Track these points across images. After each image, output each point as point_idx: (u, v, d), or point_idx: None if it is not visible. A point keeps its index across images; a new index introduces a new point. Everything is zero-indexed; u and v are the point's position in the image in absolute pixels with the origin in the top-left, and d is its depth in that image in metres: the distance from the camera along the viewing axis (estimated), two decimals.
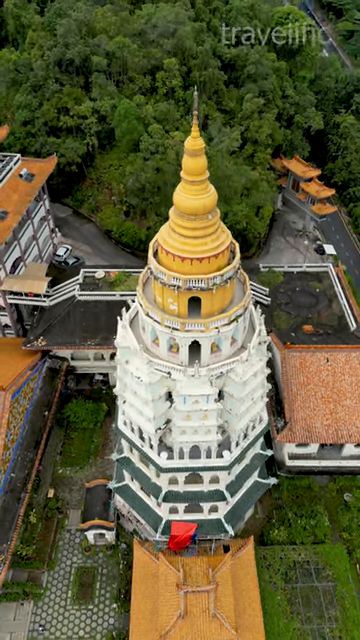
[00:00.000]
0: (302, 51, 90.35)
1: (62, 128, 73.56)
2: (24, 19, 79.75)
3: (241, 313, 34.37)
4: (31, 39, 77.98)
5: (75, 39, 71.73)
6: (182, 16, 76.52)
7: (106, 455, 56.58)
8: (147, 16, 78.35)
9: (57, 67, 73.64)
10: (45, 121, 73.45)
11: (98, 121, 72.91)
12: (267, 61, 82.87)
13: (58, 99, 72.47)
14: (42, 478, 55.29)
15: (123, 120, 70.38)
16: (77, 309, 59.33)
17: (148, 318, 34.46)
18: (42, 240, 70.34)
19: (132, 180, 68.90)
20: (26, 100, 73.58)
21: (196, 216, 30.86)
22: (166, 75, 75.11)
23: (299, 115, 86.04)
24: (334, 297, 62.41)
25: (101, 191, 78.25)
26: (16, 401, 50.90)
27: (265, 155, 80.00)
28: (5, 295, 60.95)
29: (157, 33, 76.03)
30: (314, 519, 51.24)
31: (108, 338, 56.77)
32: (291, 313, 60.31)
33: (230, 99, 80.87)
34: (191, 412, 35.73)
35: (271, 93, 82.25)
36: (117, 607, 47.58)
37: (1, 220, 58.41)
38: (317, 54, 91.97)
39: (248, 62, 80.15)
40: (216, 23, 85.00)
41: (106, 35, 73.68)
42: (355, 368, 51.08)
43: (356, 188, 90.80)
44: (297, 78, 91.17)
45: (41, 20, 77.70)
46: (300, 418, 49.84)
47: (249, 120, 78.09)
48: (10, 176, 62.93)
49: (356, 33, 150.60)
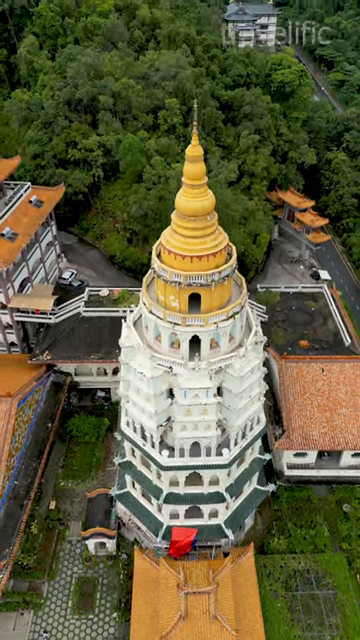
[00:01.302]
0: (295, 94, 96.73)
1: (70, 160, 78.23)
2: (36, 64, 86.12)
3: (238, 310, 36.70)
4: (42, 81, 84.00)
5: (84, 81, 77.52)
6: (183, 61, 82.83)
7: (108, 467, 57.50)
8: (150, 61, 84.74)
9: (66, 106, 79.17)
10: (54, 154, 78.24)
11: (104, 154, 77.68)
12: (262, 102, 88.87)
13: (67, 134, 77.53)
14: (44, 490, 55.87)
15: (127, 153, 75.08)
16: (82, 325, 61.67)
17: (151, 315, 36.78)
18: (49, 263, 73.51)
19: (135, 207, 72.77)
20: (37, 135, 78.67)
21: (196, 217, 33.77)
22: (167, 113, 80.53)
23: (293, 151, 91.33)
24: (329, 315, 64.86)
25: (105, 219, 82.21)
26: (21, 410, 52.39)
27: (261, 187, 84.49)
28: (12, 312, 63.40)
29: (159, 76, 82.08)
30: (313, 529, 51.72)
31: (111, 352, 58.88)
32: (288, 329, 62.60)
33: (228, 136, 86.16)
34: (191, 406, 37.41)
35: (266, 131, 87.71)
36: (117, 616, 47.43)
37: (11, 241, 61.65)
38: (309, 97, 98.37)
39: (244, 103, 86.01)
40: (214, 69, 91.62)
41: (112, 77, 79.60)
42: (350, 378, 52.85)
43: (349, 219, 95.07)
44: (291, 119, 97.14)
45: (52, 64, 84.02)
46: (297, 426, 51.19)
47: (246, 154, 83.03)
48: (21, 202, 66.76)
49: (347, 82, 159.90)
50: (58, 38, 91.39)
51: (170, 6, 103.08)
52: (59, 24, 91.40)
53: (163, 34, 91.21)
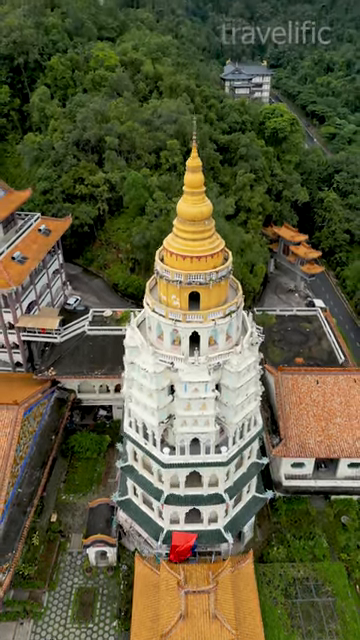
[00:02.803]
0: (287, 140, 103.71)
1: (77, 195, 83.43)
2: (48, 110, 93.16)
3: (234, 310, 39.61)
4: (53, 126, 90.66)
5: (92, 124, 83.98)
6: (183, 108, 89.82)
7: (109, 479, 58.50)
8: (153, 108, 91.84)
9: (75, 146, 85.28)
10: (62, 190, 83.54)
11: (109, 190, 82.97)
12: (257, 146, 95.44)
13: (75, 171, 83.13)
14: (46, 504, 56.69)
15: (131, 188, 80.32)
16: (86, 343, 64.32)
17: (154, 314, 39.66)
18: (55, 289, 76.96)
19: (138, 237, 77.10)
20: (47, 173, 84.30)
21: (195, 221, 37.35)
22: (169, 154, 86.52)
23: (287, 190, 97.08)
24: (323, 335, 67.63)
25: (109, 251, 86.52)
26: (27, 420, 54.15)
27: (257, 221, 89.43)
28: (19, 332, 66.14)
29: (161, 120, 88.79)
30: (312, 540, 52.31)
31: (114, 368, 61.35)
32: (284, 348, 65.21)
33: (225, 174, 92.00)
34: (191, 400, 39.57)
35: (261, 171, 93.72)
36: (117, 625, 47.34)
37: (21, 264, 65.32)
38: (300, 142, 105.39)
39: (240, 145, 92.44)
40: (212, 116, 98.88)
41: (118, 121, 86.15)
42: (344, 389, 54.98)
43: (342, 253, 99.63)
44: (284, 161, 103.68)
45: (62, 110, 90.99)
46: (294, 435, 52.84)
47: (242, 191, 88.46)
48: (31, 230, 71.04)
49: (337, 135, 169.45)
50: (68, 89, 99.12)
51: (172, 63, 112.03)
52: (69, 76, 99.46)
53: (165, 85, 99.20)
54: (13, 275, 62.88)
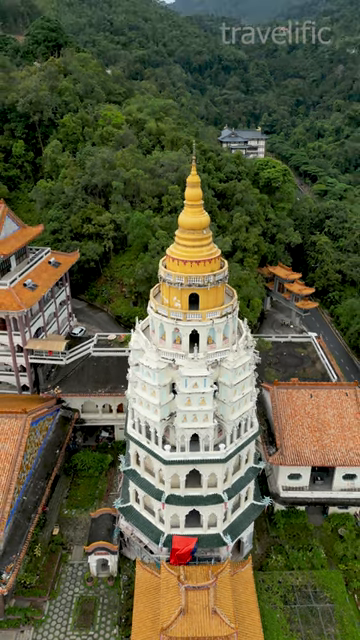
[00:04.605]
0: (280, 189, 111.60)
1: (84, 234, 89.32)
2: (59, 161, 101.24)
3: (230, 312, 43.50)
4: (64, 174, 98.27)
5: (99, 170, 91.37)
6: (183, 157, 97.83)
7: (111, 493, 59.82)
8: (156, 158, 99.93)
9: (84, 190, 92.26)
10: (71, 229, 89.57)
11: (114, 229, 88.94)
12: (252, 194, 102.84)
13: (83, 212, 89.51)
14: (48, 518, 57.87)
15: (135, 227, 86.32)
16: (90, 364, 67.53)
17: (157, 315, 43.48)
18: (61, 319, 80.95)
19: (141, 271, 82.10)
20: (57, 214, 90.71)
21: (194, 230, 42.03)
22: (170, 198, 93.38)
23: (280, 233, 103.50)
24: (317, 359, 70.91)
25: (113, 286, 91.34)
26: (33, 431, 56.48)
27: (253, 260, 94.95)
28: (27, 355, 69.45)
29: (164, 169, 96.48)
30: (310, 552, 53.21)
31: (117, 387, 64.28)
32: (280, 370, 68.32)
33: (222, 218, 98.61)
34: (191, 395, 42.53)
35: (256, 215, 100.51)
36: (118, 632, 47.50)
37: (32, 290, 69.71)
38: (292, 191, 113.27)
39: (236, 192, 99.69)
40: (210, 166, 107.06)
41: (124, 168, 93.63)
42: (336, 402, 57.67)
43: (335, 292, 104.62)
44: (278, 208, 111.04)
45: (73, 159, 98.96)
46: (290, 445, 55.02)
47: (238, 232, 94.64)
48: (41, 262, 76.07)
49: (329, 192, 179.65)
50: (78, 143, 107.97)
51: (173, 122, 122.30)
52: (79, 132, 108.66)
53: (167, 139, 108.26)
54: (25, 299, 67.05)
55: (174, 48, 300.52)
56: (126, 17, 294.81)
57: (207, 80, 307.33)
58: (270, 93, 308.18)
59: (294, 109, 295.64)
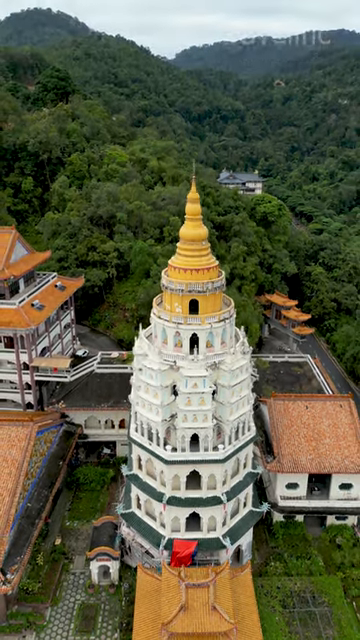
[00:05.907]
0: (276, 223, 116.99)
1: (89, 262, 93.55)
2: (66, 195, 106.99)
3: (227, 317, 46.58)
4: (70, 207, 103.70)
5: (104, 202, 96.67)
6: (184, 192, 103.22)
7: (113, 504, 60.93)
8: (158, 193, 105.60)
9: (89, 221, 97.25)
10: (76, 257, 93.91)
11: (118, 257, 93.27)
12: (249, 226, 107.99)
13: (88, 241, 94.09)
14: (50, 529, 58.83)
15: (138, 254, 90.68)
16: (94, 380, 69.94)
17: (160, 320, 46.55)
18: (65, 341, 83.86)
19: (144, 295, 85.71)
20: (63, 243, 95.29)
21: (194, 241, 45.74)
22: (172, 229, 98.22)
23: (277, 264, 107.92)
24: (313, 377, 73.36)
25: (116, 312, 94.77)
26: (39, 440, 58.37)
27: (250, 287, 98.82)
28: (33, 372, 71.95)
29: (165, 202, 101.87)
30: (309, 560, 54.05)
31: (119, 402, 66.54)
32: (277, 387, 70.58)
33: (221, 248, 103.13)
34: (191, 395, 44.97)
35: (253, 246, 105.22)
36: (119, 637, 47.91)
37: (39, 310, 73.03)
38: (287, 225, 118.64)
39: (234, 224, 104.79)
40: (209, 201, 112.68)
41: (127, 200, 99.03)
42: (331, 413, 59.81)
43: (330, 320, 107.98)
44: (274, 240, 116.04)
45: (79, 193, 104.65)
46: (287, 453, 56.82)
47: (236, 261, 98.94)
48: (48, 285, 79.81)
49: (325, 230, 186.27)
50: (84, 179, 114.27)
51: (174, 160, 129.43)
52: (86, 169, 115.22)
53: (168, 175, 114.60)
54: (33, 318, 70.19)
55: (175, 99, 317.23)
56: (129, 71, 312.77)
57: (206, 128, 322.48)
58: (267, 140, 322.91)
59: (290, 155, 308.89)
